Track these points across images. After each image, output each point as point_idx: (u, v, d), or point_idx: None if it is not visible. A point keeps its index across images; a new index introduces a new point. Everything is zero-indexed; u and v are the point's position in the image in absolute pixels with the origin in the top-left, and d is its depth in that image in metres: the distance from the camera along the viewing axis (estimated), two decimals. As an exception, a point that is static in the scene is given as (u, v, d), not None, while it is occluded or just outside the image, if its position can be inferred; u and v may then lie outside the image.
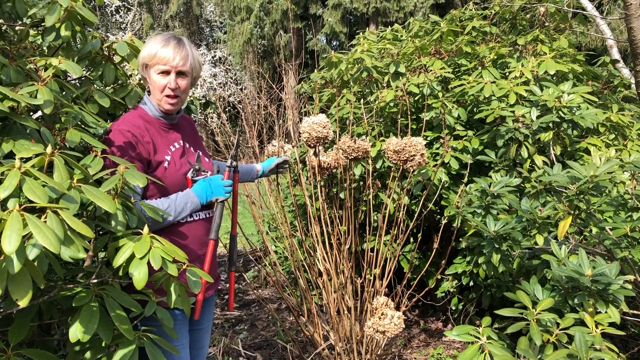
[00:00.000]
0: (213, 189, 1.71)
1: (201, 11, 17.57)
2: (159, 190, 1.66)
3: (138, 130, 1.63)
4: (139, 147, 1.61)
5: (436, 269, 2.99)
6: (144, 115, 1.70)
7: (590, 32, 6.42)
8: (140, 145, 1.61)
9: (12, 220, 0.91)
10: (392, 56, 3.35)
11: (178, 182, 1.71)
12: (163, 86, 1.66)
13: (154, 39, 1.68)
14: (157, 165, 1.66)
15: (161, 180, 1.65)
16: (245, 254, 5.62)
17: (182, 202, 1.65)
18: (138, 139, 1.61)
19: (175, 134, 1.77)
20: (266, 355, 3.18)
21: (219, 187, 1.72)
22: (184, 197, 1.66)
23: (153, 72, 1.67)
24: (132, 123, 1.64)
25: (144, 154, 1.62)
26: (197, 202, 1.68)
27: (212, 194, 1.71)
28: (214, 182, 1.72)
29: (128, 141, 1.59)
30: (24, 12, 1.53)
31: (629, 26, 2.67)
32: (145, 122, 1.69)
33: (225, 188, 1.74)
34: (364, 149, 2.42)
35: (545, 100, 2.66)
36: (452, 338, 2.85)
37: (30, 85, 1.28)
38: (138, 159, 1.60)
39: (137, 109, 1.72)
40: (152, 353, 1.25)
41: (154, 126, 1.70)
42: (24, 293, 0.96)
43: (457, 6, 13.26)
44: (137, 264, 1.13)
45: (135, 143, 1.60)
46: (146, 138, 1.64)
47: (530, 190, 2.33)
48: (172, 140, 1.74)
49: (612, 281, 1.69)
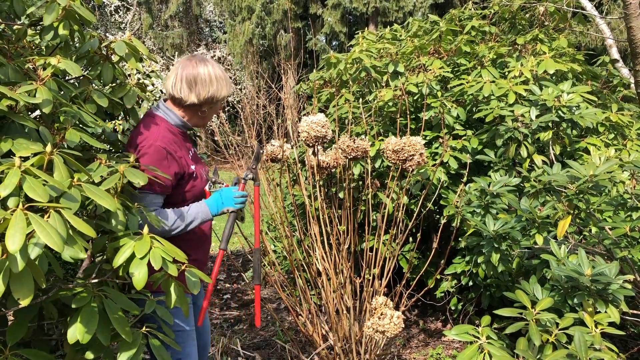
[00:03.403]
0: (224, 200, 1.77)
1: (200, 11, 17.55)
2: (194, 199, 1.79)
3: (172, 147, 1.70)
4: (174, 163, 1.69)
5: (435, 268, 2.99)
6: (170, 127, 1.75)
7: (590, 31, 6.42)
8: (175, 161, 1.69)
9: (16, 219, 0.91)
10: (391, 56, 3.35)
11: (202, 190, 1.82)
12: (216, 113, 1.87)
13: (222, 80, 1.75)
14: (189, 177, 1.75)
15: (193, 189, 1.77)
16: (244, 254, 5.62)
17: (194, 212, 1.72)
18: (173, 155, 1.68)
19: (188, 142, 1.86)
20: (265, 355, 3.17)
21: (230, 198, 1.77)
22: (196, 208, 1.73)
23: (217, 105, 1.81)
24: (166, 139, 1.69)
25: (178, 168, 1.70)
26: (207, 213, 1.75)
27: (223, 205, 1.76)
28: (225, 193, 1.78)
29: (164, 157, 1.66)
30: (22, 11, 1.53)
31: (628, 25, 2.66)
32: (172, 134, 1.74)
33: (236, 199, 1.77)
34: (363, 148, 2.42)
35: (544, 99, 2.66)
36: (451, 338, 2.85)
37: (29, 85, 1.28)
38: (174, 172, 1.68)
39: (161, 121, 1.75)
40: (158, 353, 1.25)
41: (178, 137, 1.77)
42: (27, 292, 0.96)
43: (457, 6, 13.24)
44: (138, 263, 1.13)
45: (171, 159, 1.67)
46: (178, 153, 1.72)
47: (529, 190, 2.33)
48: (188, 147, 1.83)
49: (611, 281, 1.69)
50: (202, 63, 1.74)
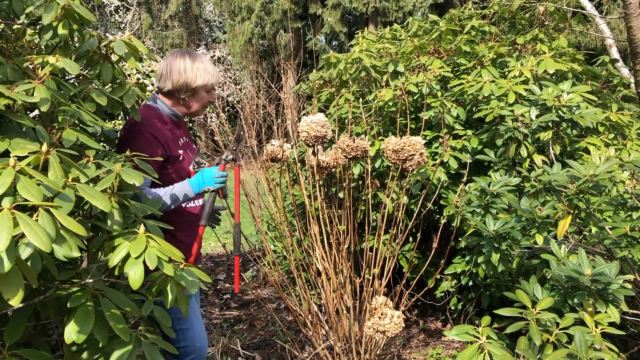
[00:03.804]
0: (205, 180, 1.88)
1: (200, 11, 17.55)
2: (178, 180, 1.93)
3: (158, 132, 1.87)
4: (160, 146, 1.86)
5: (435, 268, 2.98)
6: (159, 115, 1.94)
7: (590, 31, 6.41)
8: (160, 145, 1.86)
9: (2, 219, 0.90)
10: (390, 55, 3.34)
11: (189, 172, 1.97)
12: (207, 100, 1.98)
13: (202, 65, 1.91)
14: (174, 159, 1.91)
15: (180, 171, 1.93)
16: (244, 254, 5.62)
17: (178, 190, 1.86)
18: (158, 140, 1.85)
19: (180, 130, 2.04)
20: (265, 355, 3.17)
21: (210, 178, 1.88)
22: (180, 187, 1.88)
23: (203, 91, 1.95)
24: (152, 125, 1.87)
25: (162, 151, 1.86)
26: (190, 191, 1.88)
27: (204, 184, 1.88)
28: (206, 173, 1.89)
29: (147, 140, 1.83)
30: (21, 10, 1.52)
31: (628, 25, 2.66)
32: (161, 121, 1.92)
33: (216, 179, 1.88)
34: (363, 148, 2.41)
35: (544, 99, 2.66)
36: (451, 338, 2.84)
37: (27, 83, 1.27)
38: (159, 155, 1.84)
39: (151, 109, 1.94)
40: (150, 353, 1.24)
41: (166, 125, 1.94)
42: (15, 293, 0.95)
43: (456, 5, 13.23)
44: (133, 263, 1.12)
45: (156, 143, 1.84)
46: (164, 138, 1.88)
47: (529, 190, 2.33)
48: (179, 136, 1.99)
49: (611, 281, 1.68)
50: (182, 55, 1.92)
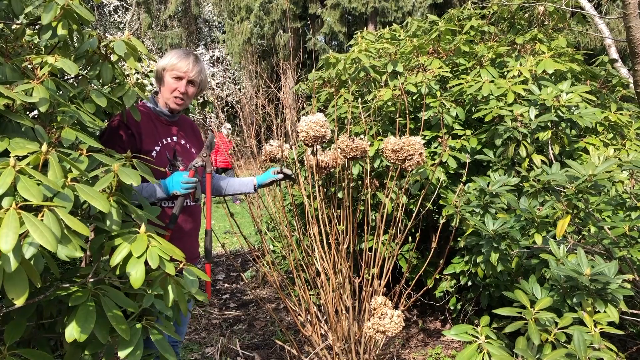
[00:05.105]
0: (173, 184, 1.93)
1: (199, 11, 17.55)
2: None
3: (136, 125, 1.93)
4: (130, 138, 1.92)
5: (434, 268, 2.98)
6: (147, 111, 2.02)
7: (589, 31, 6.41)
8: (132, 137, 1.93)
9: (8, 219, 0.90)
10: (390, 55, 3.35)
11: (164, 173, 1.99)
12: (174, 88, 2.01)
13: (175, 52, 2.04)
14: (145, 154, 1.93)
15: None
16: (243, 254, 5.62)
17: (152, 188, 1.93)
18: (132, 131, 1.92)
19: (172, 129, 2.07)
20: (264, 355, 3.17)
21: (177, 182, 1.93)
22: (152, 186, 1.95)
23: (168, 76, 2.01)
24: (131, 118, 1.90)
25: (129, 143, 1.92)
26: (160, 192, 1.94)
27: (173, 188, 1.93)
28: (175, 177, 1.94)
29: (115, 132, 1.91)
30: (20, 10, 1.52)
31: (627, 25, 2.66)
32: (148, 117, 1.99)
33: (183, 184, 1.92)
34: (362, 148, 2.41)
35: (543, 99, 2.66)
36: (450, 338, 2.84)
37: (26, 83, 1.27)
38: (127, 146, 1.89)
39: (141, 106, 2.02)
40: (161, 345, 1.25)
41: (155, 123, 2.01)
42: (21, 292, 0.96)
43: (456, 6, 13.25)
44: (134, 263, 1.12)
45: (129, 135, 1.92)
46: (140, 130, 1.94)
47: (528, 190, 2.33)
48: (165, 134, 2.04)
49: (610, 280, 1.69)
50: (174, 50, 2.06)
